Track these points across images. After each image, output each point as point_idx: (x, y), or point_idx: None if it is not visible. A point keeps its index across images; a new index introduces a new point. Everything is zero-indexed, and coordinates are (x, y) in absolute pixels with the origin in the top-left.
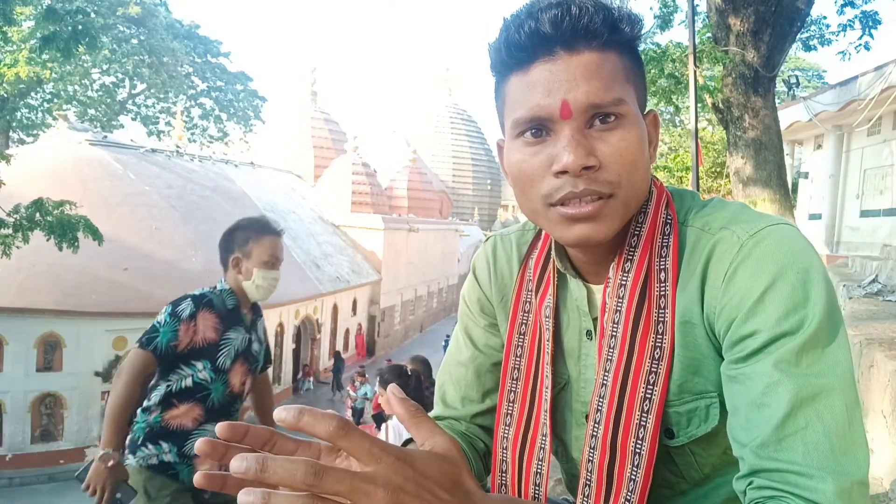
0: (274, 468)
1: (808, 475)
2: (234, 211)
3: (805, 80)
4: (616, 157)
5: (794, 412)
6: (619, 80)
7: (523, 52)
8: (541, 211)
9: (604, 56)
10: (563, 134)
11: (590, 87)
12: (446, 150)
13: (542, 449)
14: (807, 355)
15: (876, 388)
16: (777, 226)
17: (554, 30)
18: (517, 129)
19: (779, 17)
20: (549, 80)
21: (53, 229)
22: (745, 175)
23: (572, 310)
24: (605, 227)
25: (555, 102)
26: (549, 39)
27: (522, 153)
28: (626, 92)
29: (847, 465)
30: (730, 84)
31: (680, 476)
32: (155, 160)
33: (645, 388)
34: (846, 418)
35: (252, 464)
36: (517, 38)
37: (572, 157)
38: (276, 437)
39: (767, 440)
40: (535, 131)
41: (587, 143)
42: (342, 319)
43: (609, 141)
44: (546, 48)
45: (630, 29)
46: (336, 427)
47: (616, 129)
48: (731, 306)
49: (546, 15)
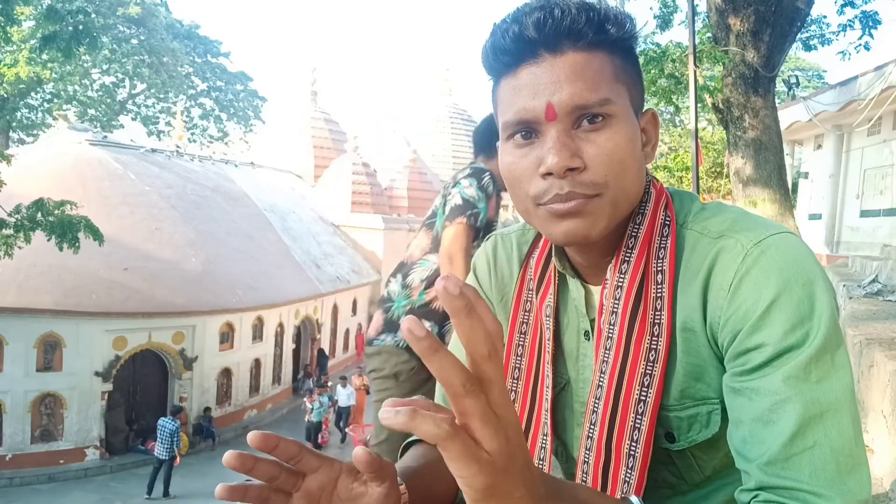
0: (442, 357)
1: (816, 494)
2: (234, 211)
3: (805, 80)
4: (602, 158)
5: (803, 430)
6: (606, 80)
7: (510, 57)
8: (531, 210)
9: (590, 56)
10: (549, 136)
11: (574, 88)
12: (446, 150)
13: (544, 449)
14: (814, 370)
15: (876, 388)
16: (780, 235)
17: (537, 33)
18: (507, 132)
19: (779, 17)
20: (534, 83)
21: (54, 229)
22: (745, 175)
23: (571, 310)
24: (590, 223)
25: (540, 105)
26: (534, 43)
27: (513, 155)
28: (615, 91)
29: (852, 485)
30: (730, 84)
31: (680, 478)
32: (155, 160)
33: (640, 389)
34: (852, 437)
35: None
36: (503, 43)
37: (556, 158)
38: (303, 451)
39: (775, 458)
40: (523, 133)
41: (573, 145)
42: (342, 319)
43: (596, 141)
44: (531, 51)
45: (617, 29)
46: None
47: (603, 130)
48: (737, 318)
49: (530, 19)
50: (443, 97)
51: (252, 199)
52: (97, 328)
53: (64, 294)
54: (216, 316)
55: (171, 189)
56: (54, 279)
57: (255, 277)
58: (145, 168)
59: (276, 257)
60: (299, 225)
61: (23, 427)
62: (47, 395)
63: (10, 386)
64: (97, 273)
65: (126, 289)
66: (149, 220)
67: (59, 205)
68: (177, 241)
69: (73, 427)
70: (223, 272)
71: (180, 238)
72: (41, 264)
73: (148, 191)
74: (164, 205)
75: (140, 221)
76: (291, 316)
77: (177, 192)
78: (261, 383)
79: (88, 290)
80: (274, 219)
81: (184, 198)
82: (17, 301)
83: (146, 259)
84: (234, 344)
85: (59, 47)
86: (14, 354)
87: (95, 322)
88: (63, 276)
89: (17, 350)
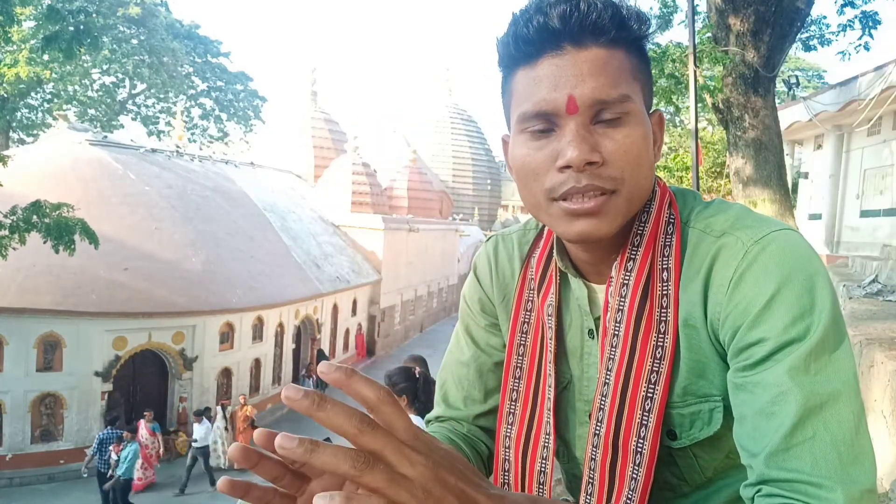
0: (321, 452)
1: (818, 484)
2: (234, 211)
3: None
4: (620, 154)
5: (802, 421)
6: (625, 77)
7: (531, 47)
8: (543, 206)
9: (611, 53)
10: (569, 129)
11: (596, 82)
12: (446, 150)
13: (546, 448)
14: (815, 362)
15: (876, 388)
16: (781, 231)
17: (562, 25)
18: (523, 124)
19: (779, 17)
20: (555, 75)
21: (50, 232)
22: (745, 175)
23: (574, 309)
24: (607, 223)
25: (561, 97)
26: (557, 34)
27: (528, 147)
28: (633, 89)
29: (855, 474)
30: (730, 84)
31: (682, 479)
32: (155, 160)
33: (647, 387)
34: (853, 426)
35: (301, 445)
36: (525, 33)
37: (576, 151)
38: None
39: (776, 449)
40: (540, 126)
41: (592, 139)
42: (342, 319)
43: (614, 137)
44: (554, 43)
45: (638, 27)
46: (383, 394)
47: (621, 126)
48: (737, 313)
49: (555, 10)
50: (443, 97)
51: (252, 199)
52: (97, 328)
53: (64, 294)
54: (216, 316)
55: (171, 189)
56: (54, 279)
57: (255, 277)
58: (145, 168)
59: (276, 257)
60: (299, 225)
61: (23, 427)
62: (47, 395)
63: (10, 386)
64: (97, 273)
65: (126, 289)
66: (149, 220)
67: (56, 207)
68: (177, 241)
69: (73, 427)
70: (223, 272)
71: (180, 238)
72: (41, 264)
73: (148, 191)
74: (164, 205)
75: (140, 221)
76: (291, 316)
77: (177, 192)
78: (261, 383)
79: (88, 290)
80: (274, 219)
81: (184, 198)
82: (17, 301)
83: (146, 259)
84: (234, 344)
85: (60, 47)
86: (14, 354)
87: (95, 322)
88: (63, 276)
89: (17, 350)
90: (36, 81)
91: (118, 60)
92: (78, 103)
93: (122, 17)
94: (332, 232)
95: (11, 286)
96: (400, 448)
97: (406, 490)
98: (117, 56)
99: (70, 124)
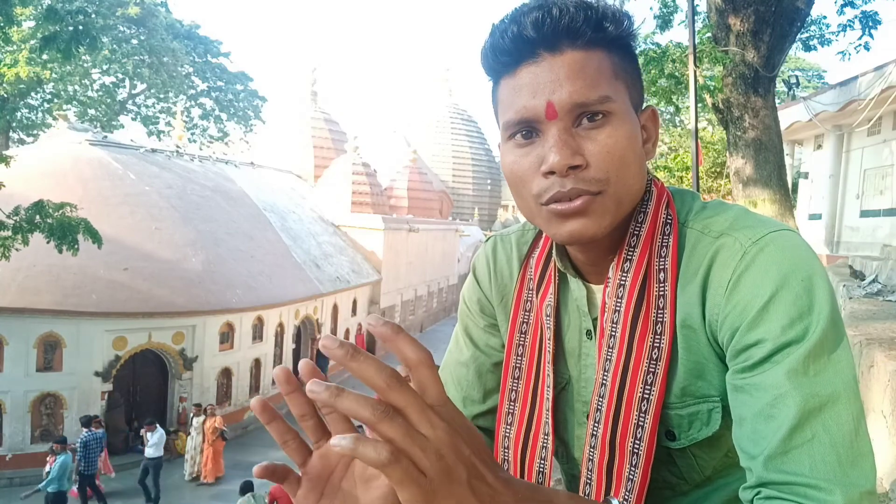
0: (345, 398)
1: (817, 487)
2: (234, 211)
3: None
4: (603, 155)
5: (801, 424)
6: (605, 78)
7: (509, 57)
8: (535, 210)
9: (588, 55)
10: (550, 134)
11: (573, 86)
12: (446, 150)
13: (545, 448)
14: (813, 364)
15: (876, 388)
16: (779, 232)
17: (536, 32)
18: (508, 132)
19: (779, 17)
20: (533, 82)
21: (53, 231)
22: (745, 175)
23: (573, 309)
24: (596, 222)
25: (540, 104)
26: (532, 42)
27: (514, 154)
28: (615, 89)
29: (854, 476)
30: (730, 84)
31: (681, 477)
32: (155, 160)
33: (643, 388)
34: (852, 428)
35: (328, 390)
36: (502, 44)
37: (558, 157)
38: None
39: (775, 452)
40: (524, 133)
41: (574, 143)
42: (342, 319)
43: (596, 139)
44: (530, 51)
45: (615, 26)
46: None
47: (604, 127)
48: (735, 315)
49: (528, 18)
50: (443, 97)
51: (252, 199)
52: (97, 328)
53: (64, 294)
54: (216, 316)
55: (171, 189)
56: (54, 279)
57: (254, 277)
58: (145, 168)
59: (276, 257)
60: (299, 225)
61: (23, 427)
62: (47, 395)
63: (10, 386)
64: (97, 273)
65: (126, 289)
66: (149, 220)
67: (59, 207)
68: (177, 241)
69: (74, 427)
70: (223, 272)
71: (180, 238)
72: (41, 264)
73: (148, 191)
74: (164, 205)
75: (140, 221)
76: (291, 316)
77: (177, 192)
78: (261, 383)
79: (88, 290)
80: (274, 219)
81: (184, 198)
82: (17, 301)
83: (146, 259)
84: (234, 344)
85: (59, 48)
86: (14, 354)
87: (95, 322)
88: (63, 276)
89: (17, 350)
90: (36, 81)
91: (118, 60)
92: (78, 103)
93: (121, 17)
94: (332, 232)
95: (11, 286)
96: (424, 409)
97: (419, 447)
98: (117, 56)
99: (70, 124)
